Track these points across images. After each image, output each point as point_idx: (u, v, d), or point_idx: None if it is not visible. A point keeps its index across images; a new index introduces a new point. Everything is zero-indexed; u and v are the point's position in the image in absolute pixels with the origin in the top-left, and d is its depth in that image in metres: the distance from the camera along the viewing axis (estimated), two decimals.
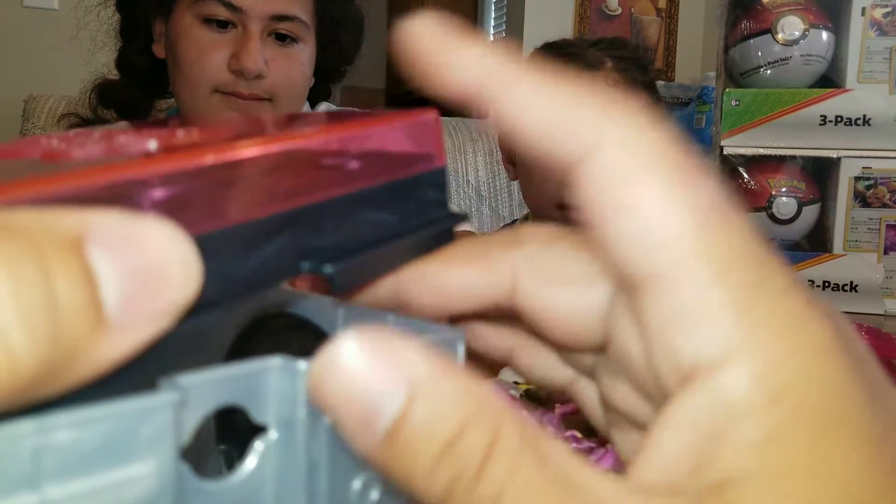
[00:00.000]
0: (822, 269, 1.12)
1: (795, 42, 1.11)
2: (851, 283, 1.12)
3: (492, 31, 4.94)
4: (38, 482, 0.13)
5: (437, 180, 0.23)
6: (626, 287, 0.16)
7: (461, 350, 0.20)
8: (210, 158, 0.17)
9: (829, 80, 1.15)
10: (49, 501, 0.13)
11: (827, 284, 1.12)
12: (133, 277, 0.12)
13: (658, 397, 0.16)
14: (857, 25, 1.11)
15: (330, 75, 1.03)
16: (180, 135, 0.20)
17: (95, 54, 1.01)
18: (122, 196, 0.15)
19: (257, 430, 0.18)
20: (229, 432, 0.24)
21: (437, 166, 0.23)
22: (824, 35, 1.12)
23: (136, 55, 0.95)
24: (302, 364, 0.17)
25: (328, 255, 0.19)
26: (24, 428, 0.13)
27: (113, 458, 0.14)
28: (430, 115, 0.23)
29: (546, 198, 0.93)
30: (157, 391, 0.15)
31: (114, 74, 1.01)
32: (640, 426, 0.18)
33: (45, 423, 0.13)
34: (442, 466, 0.14)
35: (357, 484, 0.18)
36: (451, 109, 0.23)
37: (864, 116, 1.10)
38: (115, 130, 0.22)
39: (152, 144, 0.19)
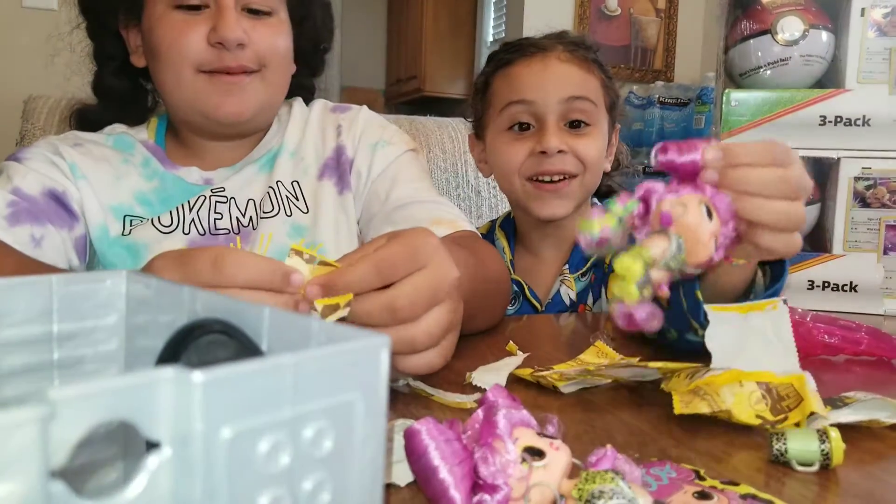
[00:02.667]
0: (822, 270, 1.11)
1: (795, 42, 1.11)
2: (851, 283, 1.11)
3: (491, 32, 4.94)
4: None
5: None
6: None
7: (385, 356, 0.20)
8: None
9: (829, 80, 1.15)
10: None
11: (827, 284, 1.12)
12: None
13: None
14: (856, 26, 1.11)
15: (309, 59, 1.00)
16: None
17: (70, 79, 1.00)
18: None
19: (150, 446, 0.17)
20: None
21: None
22: (824, 35, 1.11)
23: (112, 77, 0.94)
24: (197, 375, 0.16)
25: None
26: None
27: None
28: None
29: (517, 177, 1.02)
30: (21, 406, 0.14)
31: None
32: None
33: None
34: None
35: (264, 500, 0.17)
36: (450, 110, 0.23)
37: (864, 117, 1.09)
38: None
39: None
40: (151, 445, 0.16)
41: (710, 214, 0.50)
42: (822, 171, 1.15)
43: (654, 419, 0.54)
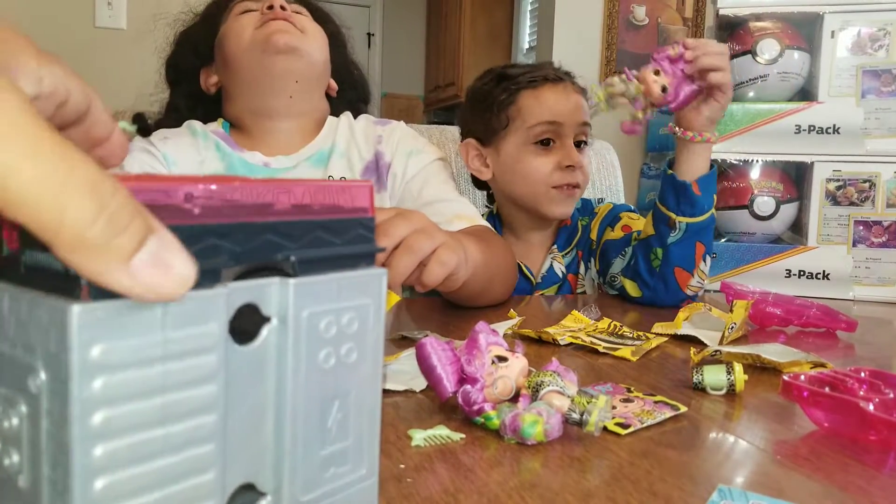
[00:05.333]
0: (799, 260, 1.26)
1: (773, 62, 1.25)
2: (824, 271, 1.25)
3: (527, 40, 5.09)
4: (164, 327, 0.25)
5: (366, 224, 0.33)
6: None
7: (384, 280, 0.33)
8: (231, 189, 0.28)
9: (808, 92, 1.29)
10: (169, 339, 0.25)
11: (802, 273, 1.26)
12: (156, 267, 0.22)
13: None
14: (827, 47, 1.25)
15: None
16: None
17: (141, 96, 1.24)
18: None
19: (265, 319, 0.29)
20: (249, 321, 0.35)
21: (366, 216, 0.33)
22: (796, 55, 1.26)
23: (183, 98, 1.20)
24: (292, 280, 0.29)
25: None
26: (158, 309, 0.24)
27: (204, 317, 0.26)
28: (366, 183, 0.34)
29: (542, 184, 1.18)
30: (221, 288, 0.26)
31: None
32: None
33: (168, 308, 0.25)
34: None
35: (323, 353, 0.31)
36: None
37: (834, 126, 1.23)
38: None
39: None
40: (266, 318, 0.29)
41: (657, 74, 0.97)
42: (799, 174, 1.29)
43: (618, 364, 0.71)
